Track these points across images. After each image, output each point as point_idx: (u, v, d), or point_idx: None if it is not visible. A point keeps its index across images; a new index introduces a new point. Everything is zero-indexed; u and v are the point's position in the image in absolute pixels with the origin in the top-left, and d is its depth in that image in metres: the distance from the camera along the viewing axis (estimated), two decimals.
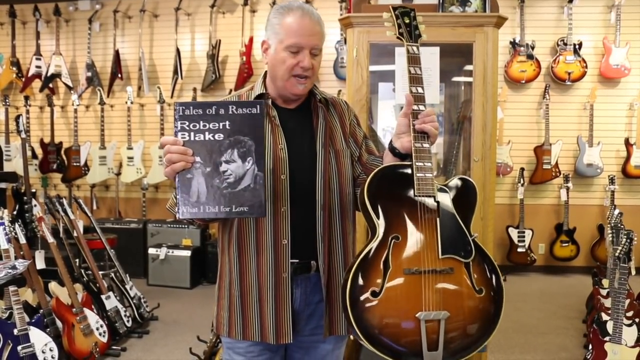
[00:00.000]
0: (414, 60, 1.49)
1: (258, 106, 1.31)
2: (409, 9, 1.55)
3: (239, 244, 1.50)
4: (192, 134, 1.29)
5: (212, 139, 1.29)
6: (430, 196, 1.40)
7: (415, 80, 1.47)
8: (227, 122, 1.30)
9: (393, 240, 1.37)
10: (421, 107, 1.46)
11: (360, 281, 1.34)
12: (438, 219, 1.40)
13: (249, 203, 1.30)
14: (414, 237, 1.38)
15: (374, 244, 1.37)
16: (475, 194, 1.48)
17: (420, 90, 1.47)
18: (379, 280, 1.34)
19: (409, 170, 1.42)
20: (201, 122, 1.29)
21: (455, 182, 1.49)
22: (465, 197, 1.47)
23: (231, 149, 1.30)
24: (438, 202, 1.41)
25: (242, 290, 1.51)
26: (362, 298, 1.33)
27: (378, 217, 1.39)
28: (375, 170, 1.43)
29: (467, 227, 1.44)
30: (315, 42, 1.47)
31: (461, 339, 1.37)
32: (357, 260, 1.36)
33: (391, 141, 1.52)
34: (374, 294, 1.33)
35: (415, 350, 1.33)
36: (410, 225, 1.39)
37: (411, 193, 1.41)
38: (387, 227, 1.39)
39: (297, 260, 1.49)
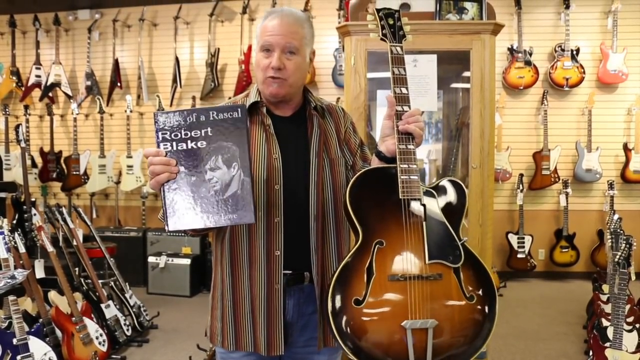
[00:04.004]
0: (397, 60, 1.46)
1: (239, 109, 1.27)
2: (393, 11, 1.52)
3: (231, 255, 1.48)
4: (174, 143, 1.26)
5: (195, 147, 1.26)
6: (415, 199, 1.35)
7: (399, 80, 1.44)
8: (209, 129, 1.26)
9: (377, 246, 1.32)
10: (405, 108, 1.41)
11: (343, 289, 1.29)
12: (424, 223, 1.34)
13: (238, 210, 1.27)
14: (399, 242, 1.32)
15: (357, 250, 1.32)
16: (464, 196, 1.43)
17: (404, 90, 1.43)
18: (362, 288, 1.28)
19: (393, 173, 1.37)
20: (182, 130, 1.26)
21: (442, 184, 1.43)
22: (453, 199, 1.42)
23: (215, 156, 1.26)
24: (424, 205, 1.36)
25: (234, 301, 1.49)
26: (344, 306, 1.27)
27: (361, 222, 1.34)
28: (358, 174, 1.39)
29: (455, 231, 1.38)
30: (287, 41, 1.42)
31: (451, 349, 1.30)
32: (340, 266, 1.32)
33: (377, 145, 1.48)
34: (357, 302, 1.27)
35: None
36: (394, 230, 1.33)
37: (396, 196, 1.35)
38: (371, 232, 1.34)
39: (291, 271, 1.47)
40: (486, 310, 1.34)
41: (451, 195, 1.42)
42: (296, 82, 1.47)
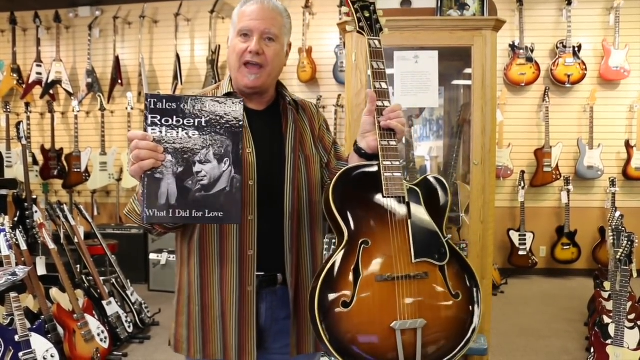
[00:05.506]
0: (376, 54, 1.42)
1: (239, 102, 1.21)
2: (368, 3, 1.46)
3: (200, 255, 1.39)
4: (164, 129, 1.17)
5: (186, 136, 1.18)
6: (399, 197, 1.32)
7: (379, 75, 1.40)
8: (204, 119, 1.18)
9: (362, 246, 1.28)
10: (386, 103, 1.37)
11: (330, 291, 1.25)
12: (409, 221, 1.31)
13: (224, 208, 1.18)
14: (385, 242, 1.29)
15: (342, 251, 1.28)
16: (447, 193, 1.40)
17: (384, 85, 1.39)
18: (350, 290, 1.25)
19: (376, 170, 1.34)
20: (175, 117, 1.17)
21: (425, 181, 1.41)
22: (437, 196, 1.39)
23: (206, 148, 1.18)
24: (408, 203, 1.33)
25: (203, 305, 1.40)
26: (332, 309, 1.24)
27: (345, 222, 1.30)
28: (341, 172, 1.34)
29: (440, 228, 1.35)
30: (267, 27, 1.36)
31: (440, 347, 1.28)
32: (326, 268, 1.27)
33: (356, 141, 1.44)
34: (345, 305, 1.24)
35: None
36: (380, 229, 1.30)
37: (379, 194, 1.32)
38: (356, 232, 1.30)
39: (263, 273, 1.39)
40: (471, 305, 1.33)
41: (435, 192, 1.40)
42: (274, 70, 1.41)
